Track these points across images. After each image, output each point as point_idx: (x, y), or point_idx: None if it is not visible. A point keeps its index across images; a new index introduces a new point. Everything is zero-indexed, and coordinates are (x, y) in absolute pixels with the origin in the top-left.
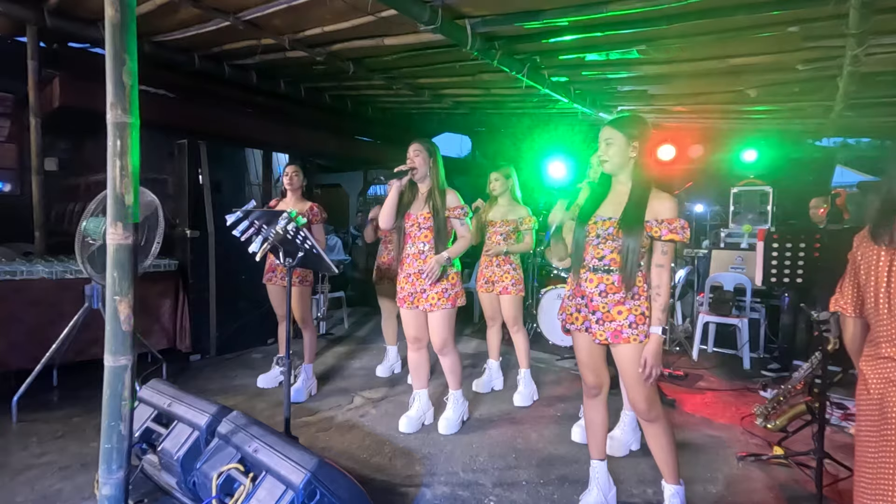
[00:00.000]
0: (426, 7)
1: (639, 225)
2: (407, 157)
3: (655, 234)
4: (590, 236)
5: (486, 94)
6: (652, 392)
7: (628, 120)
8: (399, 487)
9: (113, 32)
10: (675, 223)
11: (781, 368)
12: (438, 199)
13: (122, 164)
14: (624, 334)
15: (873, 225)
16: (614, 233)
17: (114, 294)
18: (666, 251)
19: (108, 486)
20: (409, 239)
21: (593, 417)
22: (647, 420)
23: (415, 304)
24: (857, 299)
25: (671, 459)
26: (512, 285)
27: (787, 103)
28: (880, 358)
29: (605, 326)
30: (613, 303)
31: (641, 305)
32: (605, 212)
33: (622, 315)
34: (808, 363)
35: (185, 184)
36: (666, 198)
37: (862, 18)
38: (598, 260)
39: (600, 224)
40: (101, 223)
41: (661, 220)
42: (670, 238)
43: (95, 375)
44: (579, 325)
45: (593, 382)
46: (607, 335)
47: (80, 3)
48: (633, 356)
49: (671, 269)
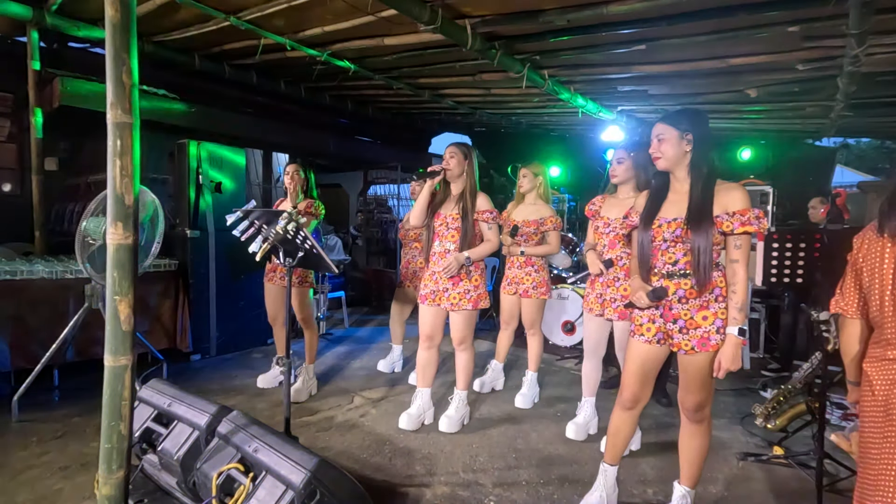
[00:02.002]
0: (426, 7)
1: (707, 221)
2: (443, 159)
3: (727, 228)
4: (656, 241)
5: (486, 94)
6: (708, 396)
7: (679, 113)
8: (399, 487)
9: (113, 32)
10: (748, 213)
11: (781, 368)
12: (469, 201)
13: (122, 164)
14: (712, 341)
15: (882, 214)
16: (683, 234)
17: (114, 294)
18: (740, 245)
19: (108, 486)
20: (437, 237)
21: (621, 427)
22: (693, 421)
23: (436, 302)
24: (859, 301)
25: (699, 463)
26: (533, 288)
27: (787, 103)
28: (886, 360)
29: (690, 335)
30: (696, 308)
31: (725, 307)
32: (669, 213)
33: (708, 320)
34: (808, 363)
35: (185, 184)
36: (734, 187)
37: (862, 18)
38: (672, 265)
39: (665, 227)
40: (101, 223)
41: (732, 213)
42: (744, 231)
43: (95, 375)
44: (651, 335)
45: (636, 396)
46: (693, 343)
47: (80, 3)
48: (708, 361)
49: (746, 267)
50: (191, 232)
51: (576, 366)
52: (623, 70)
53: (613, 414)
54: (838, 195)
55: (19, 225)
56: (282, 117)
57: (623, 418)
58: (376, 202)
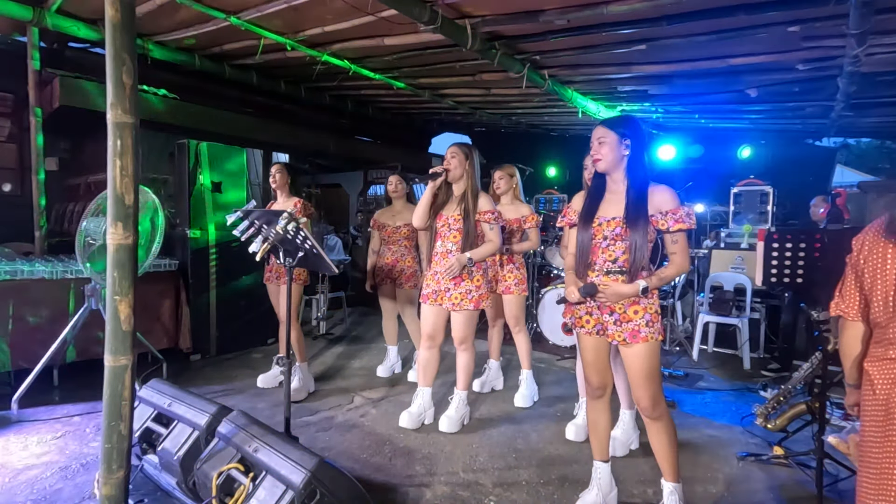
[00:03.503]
0: (426, 7)
1: (643, 220)
2: (444, 159)
3: (663, 226)
4: (596, 238)
5: (486, 94)
6: (657, 390)
7: (619, 118)
8: (399, 487)
9: (113, 32)
10: (680, 212)
11: (781, 368)
12: (471, 201)
13: (122, 164)
14: (642, 333)
15: (892, 219)
16: (622, 232)
17: (114, 294)
18: (676, 240)
19: (108, 486)
20: (439, 238)
21: (596, 419)
22: (651, 418)
23: (437, 302)
24: (860, 303)
25: (672, 457)
26: (515, 285)
27: (787, 103)
28: (887, 359)
29: (623, 327)
30: (629, 303)
31: (655, 303)
32: (608, 212)
33: (638, 314)
34: (808, 363)
35: (185, 184)
36: (664, 189)
37: (862, 18)
38: (612, 262)
39: (605, 225)
40: (101, 223)
41: (665, 212)
42: (678, 228)
43: (95, 375)
44: (590, 328)
45: (598, 383)
46: (625, 335)
47: (80, 3)
48: (645, 354)
49: (687, 256)
50: (191, 232)
51: (575, 366)
52: (623, 70)
53: (588, 409)
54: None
55: (19, 225)
56: (282, 117)
57: (597, 408)
58: (376, 202)
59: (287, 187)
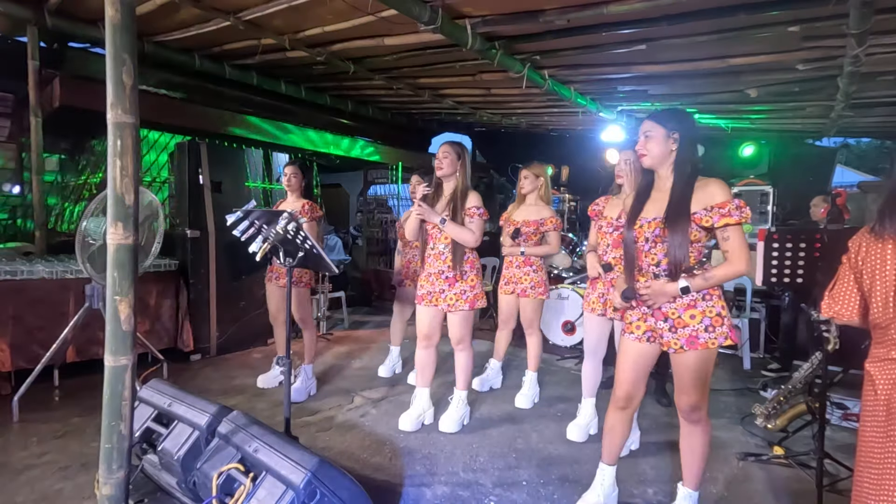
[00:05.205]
0: (426, 7)
1: (684, 219)
2: (436, 158)
3: (707, 223)
4: (639, 241)
5: (486, 94)
6: (703, 396)
7: (668, 112)
8: (399, 487)
9: (113, 32)
10: (728, 205)
11: (781, 368)
12: (460, 201)
13: (122, 164)
14: (701, 339)
15: (881, 215)
16: (661, 233)
17: (114, 294)
18: (728, 237)
19: (108, 486)
20: (431, 240)
21: (616, 427)
22: (691, 422)
23: (433, 303)
24: (859, 304)
25: (700, 465)
26: (531, 288)
27: (788, 103)
28: (889, 360)
29: (678, 333)
30: (683, 307)
31: (716, 306)
32: (649, 213)
33: (695, 319)
34: (808, 363)
35: (185, 184)
36: (712, 182)
37: (862, 18)
38: (656, 266)
39: (646, 227)
40: (101, 223)
41: (711, 208)
42: (724, 223)
43: (95, 375)
44: (640, 333)
45: (625, 394)
46: (682, 342)
47: (80, 3)
48: (699, 360)
49: (743, 255)
50: (191, 232)
51: (576, 366)
52: (623, 70)
53: (608, 414)
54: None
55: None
56: (282, 117)
57: (618, 417)
58: (376, 202)
59: (300, 189)
